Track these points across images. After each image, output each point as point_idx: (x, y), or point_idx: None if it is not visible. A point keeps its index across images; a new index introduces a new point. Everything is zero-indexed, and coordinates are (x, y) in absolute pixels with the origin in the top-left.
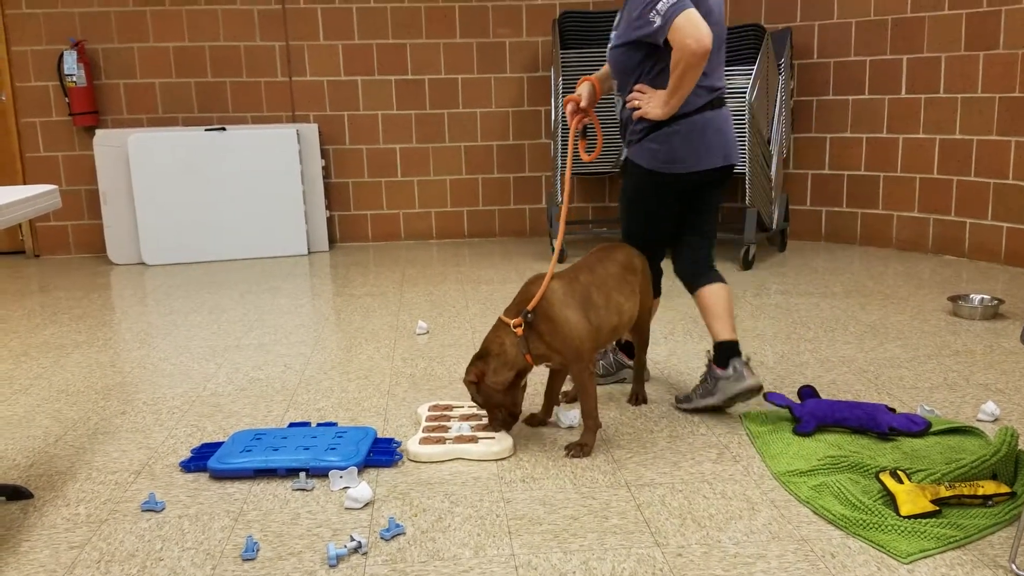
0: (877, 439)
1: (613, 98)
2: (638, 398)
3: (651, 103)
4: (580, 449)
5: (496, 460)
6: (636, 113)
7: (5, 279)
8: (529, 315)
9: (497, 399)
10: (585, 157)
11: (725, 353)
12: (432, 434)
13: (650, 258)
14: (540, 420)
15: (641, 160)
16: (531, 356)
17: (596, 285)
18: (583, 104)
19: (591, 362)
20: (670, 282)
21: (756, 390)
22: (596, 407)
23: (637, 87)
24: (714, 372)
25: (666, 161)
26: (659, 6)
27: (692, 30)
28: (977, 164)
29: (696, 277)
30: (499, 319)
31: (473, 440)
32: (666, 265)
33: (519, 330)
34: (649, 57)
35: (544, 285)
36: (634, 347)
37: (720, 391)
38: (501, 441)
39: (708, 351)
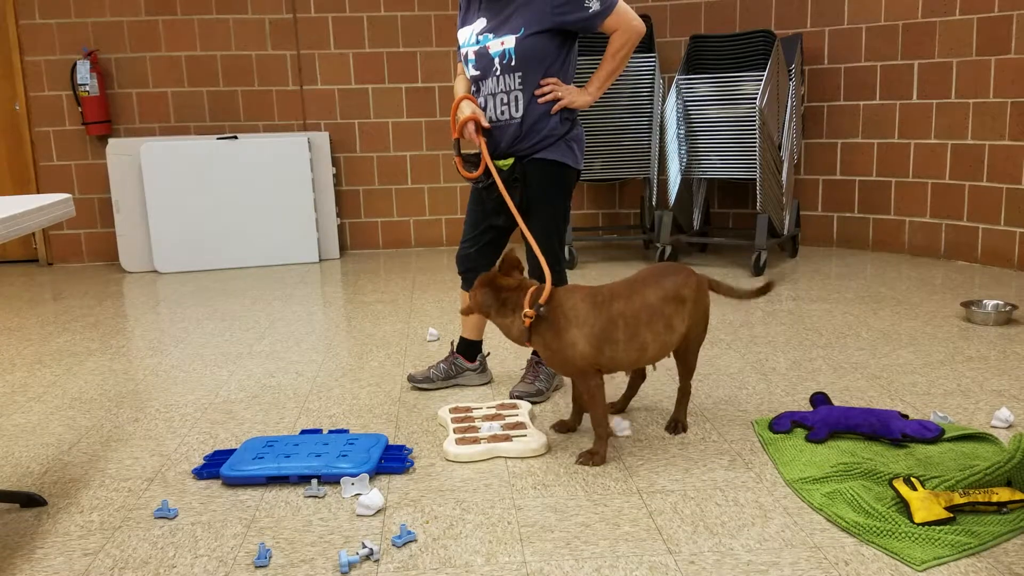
0: (890, 446)
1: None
2: (677, 426)
3: (573, 93)
4: (591, 457)
5: (534, 457)
6: (559, 104)
7: (19, 287)
8: (542, 308)
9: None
10: (467, 175)
11: (473, 349)
12: (466, 435)
13: (561, 259)
14: (570, 427)
15: (568, 159)
16: (531, 344)
17: (626, 318)
18: (484, 123)
19: (596, 374)
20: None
21: (486, 383)
22: (606, 416)
23: (551, 80)
24: (460, 362)
25: (581, 158)
26: None
27: (633, 13)
28: (989, 169)
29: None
30: (529, 290)
31: (507, 439)
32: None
33: (527, 321)
34: (563, 45)
35: (547, 288)
36: (678, 373)
37: (464, 379)
38: (536, 439)
39: (453, 342)
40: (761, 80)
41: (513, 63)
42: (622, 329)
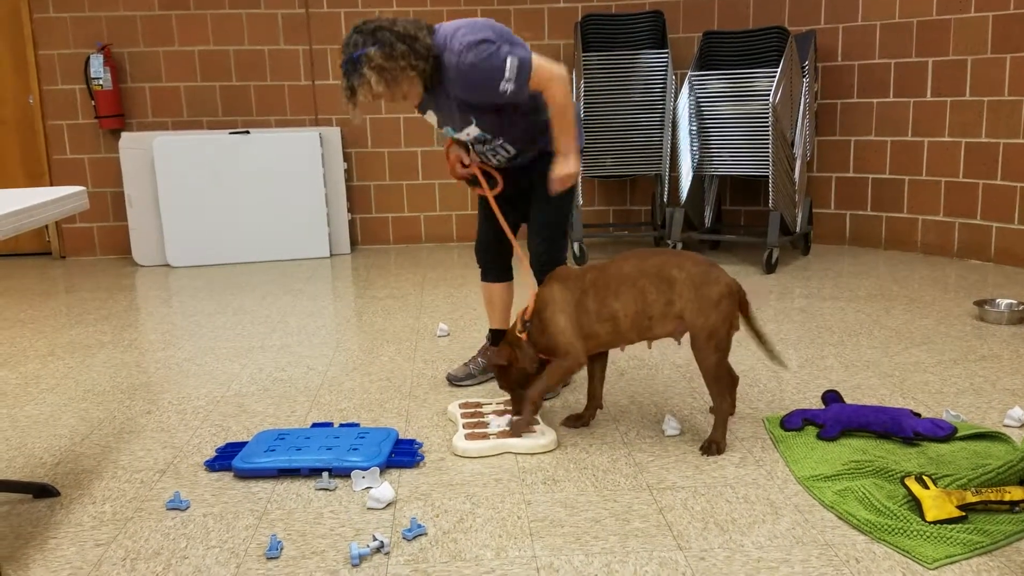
0: (902, 444)
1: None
2: (711, 446)
3: (567, 168)
4: (515, 426)
5: (543, 452)
6: (569, 182)
7: (32, 280)
8: (528, 324)
9: (523, 383)
10: (489, 193)
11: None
12: (476, 430)
13: (563, 248)
14: (583, 421)
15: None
16: (542, 354)
17: (596, 287)
18: (466, 160)
19: (577, 363)
20: None
21: None
22: (544, 392)
23: (553, 184)
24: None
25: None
26: (507, 75)
27: (548, 68)
28: (1004, 168)
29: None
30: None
31: (520, 434)
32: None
33: (523, 335)
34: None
35: (532, 295)
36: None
37: None
38: (546, 434)
39: (488, 335)
40: (774, 77)
41: (487, 136)
42: (592, 299)
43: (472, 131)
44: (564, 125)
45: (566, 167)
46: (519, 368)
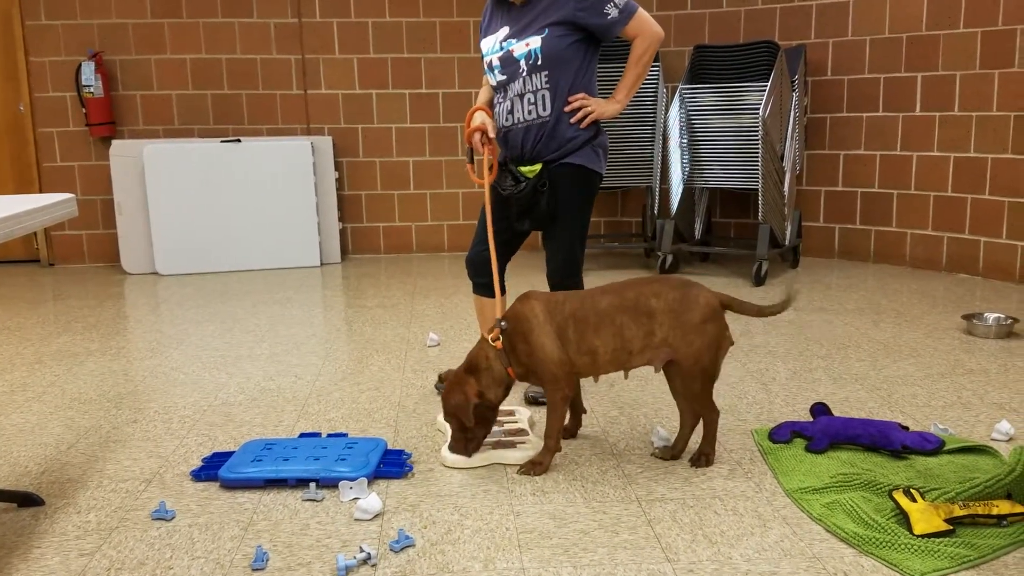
0: (890, 457)
1: (503, 104)
2: (700, 458)
3: (601, 104)
4: (533, 467)
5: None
6: (590, 118)
7: (20, 287)
8: (503, 324)
9: (487, 417)
10: (479, 180)
11: None
12: None
13: (581, 268)
14: (570, 432)
15: (595, 165)
16: (513, 371)
17: (575, 319)
18: (491, 134)
19: (568, 386)
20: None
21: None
22: (560, 430)
23: (579, 96)
24: None
25: (605, 164)
26: (617, 1)
27: (651, 19)
28: (992, 182)
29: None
30: (481, 336)
31: (511, 445)
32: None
33: (498, 343)
34: (586, 50)
35: (498, 305)
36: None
37: None
38: (537, 445)
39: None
40: (764, 91)
41: (539, 62)
42: (572, 330)
43: (535, 42)
44: (631, 78)
45: (603, 107)
46: (485, 402)
